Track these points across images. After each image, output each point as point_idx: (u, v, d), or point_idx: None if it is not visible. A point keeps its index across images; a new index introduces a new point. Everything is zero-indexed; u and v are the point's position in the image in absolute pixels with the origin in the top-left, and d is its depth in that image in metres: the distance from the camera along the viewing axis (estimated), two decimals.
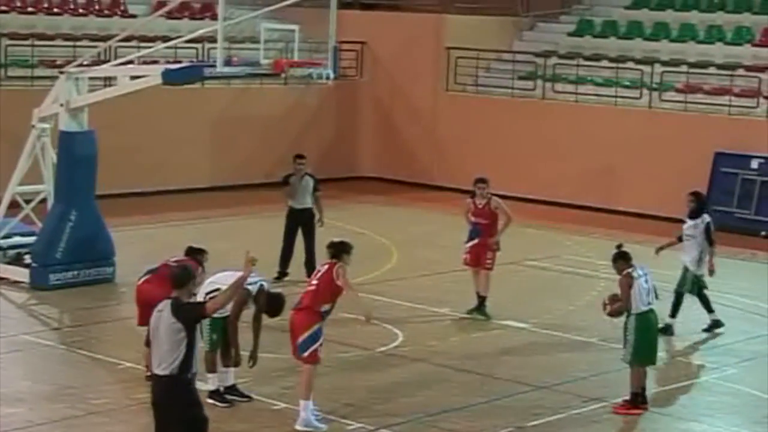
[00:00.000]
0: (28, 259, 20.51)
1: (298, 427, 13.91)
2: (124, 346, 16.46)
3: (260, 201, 28.75)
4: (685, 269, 18.94)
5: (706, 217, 19.11)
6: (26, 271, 20.32)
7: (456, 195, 31.02)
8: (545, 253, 24.55)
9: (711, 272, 18.84)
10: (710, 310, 19.07)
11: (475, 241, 19.47)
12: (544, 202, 30.19)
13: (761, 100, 29.55)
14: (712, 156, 28.74)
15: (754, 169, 28.32)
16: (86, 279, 20.32)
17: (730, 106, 29.78)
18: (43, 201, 21.20)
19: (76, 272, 20.23)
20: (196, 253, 15.65)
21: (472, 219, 19.59)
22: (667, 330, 18.38)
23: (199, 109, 30.07)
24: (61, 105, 20.49)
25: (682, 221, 19.31)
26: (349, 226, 24.53)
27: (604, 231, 27.24)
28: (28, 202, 21.19)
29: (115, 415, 14.44)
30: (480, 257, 19.43)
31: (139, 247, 22.49)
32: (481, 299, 19.44)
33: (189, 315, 10.91)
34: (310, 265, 20.81)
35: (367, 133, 33.83)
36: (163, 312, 10.97)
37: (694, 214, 19.20)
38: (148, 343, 11.97)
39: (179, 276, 11.27)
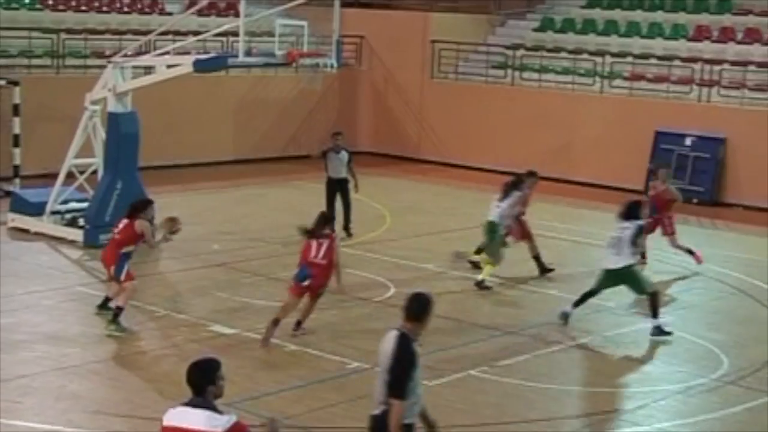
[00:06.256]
0: (81, 221, 20.55)
1: None
2: (162, 297, 16.55)
3: (276, 173, 28.89)
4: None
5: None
6: (80, 232, 20.36)
7: (439, 167, 31.32)
8: None
9: None
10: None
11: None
12: (513, 174, 30.10)
13: (694, 86, 29.56)
14: (653, 134, 28.76)
15: (687, 146, 28.33)
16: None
17: (668, 92, 29.80)
18: (94, 172, 21.23)
19: None
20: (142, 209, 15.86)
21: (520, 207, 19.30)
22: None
23: (224, 93, 30.05)
24: (109, 90, 20.48)
25: (629, 190, 19.33)
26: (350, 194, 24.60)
27: (563, 198, 27.34)
28: (81, 173, 21.24)
29: (154, 354, 14.53)
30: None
31: (174, 211, 22.42)
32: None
33: None
34: (347, 227, 21.29)
35: (365, 114, 33.80)
36: None
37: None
38: None
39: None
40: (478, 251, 19.28)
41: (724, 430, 12.99)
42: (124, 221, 15.69)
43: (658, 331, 16.14)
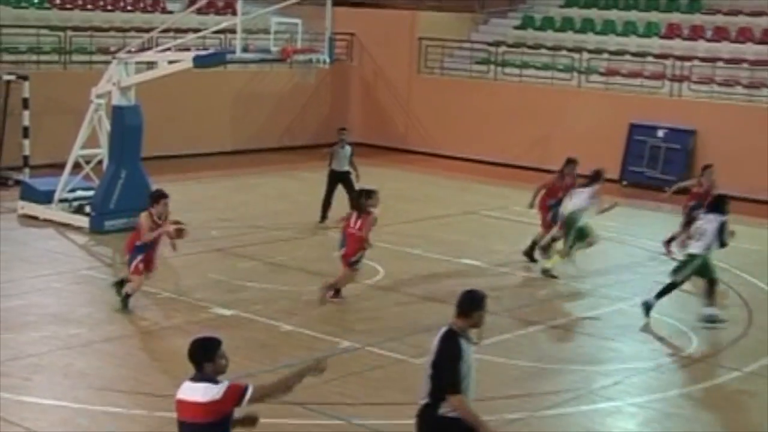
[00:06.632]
0: (88, 209, 20.50)
1: None
2: (163, 280, 16.50)
3: (271, 162, 28.87)
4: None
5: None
6: (86, 218, 20.33)
7: (426, 158, 31.27)
8: (495, 205, 24.61)
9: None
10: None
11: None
12: (495, 163, 30.24)
13: (666, 81, 29.58)
14: (627, 126, 28.78)
15: (660, 137, 28.34)
16: (134, 225, 20.16)
17: (641, 86, 29.83)
18: (100, 162, 21.18)
19: (126, 219, 20.09)
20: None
21: (561, 194, 18.88)
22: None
23: (222, 87, 29.97)
24: (114, 84, 20.40)
25: (605, 179, 19.12)
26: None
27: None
28: (87, 163, 21.16)
29: (156, 334, 14.56)
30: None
31: (175, 199, 22.32)
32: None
33: None
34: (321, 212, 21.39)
35: (356, 107, 33.73)
36: None
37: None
38: None
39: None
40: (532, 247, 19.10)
41: (693, 405, 13.04)
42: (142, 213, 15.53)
43: (710, 318, 15.89)
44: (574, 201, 18.34)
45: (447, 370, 8.30)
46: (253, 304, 15.68)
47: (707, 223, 15.81)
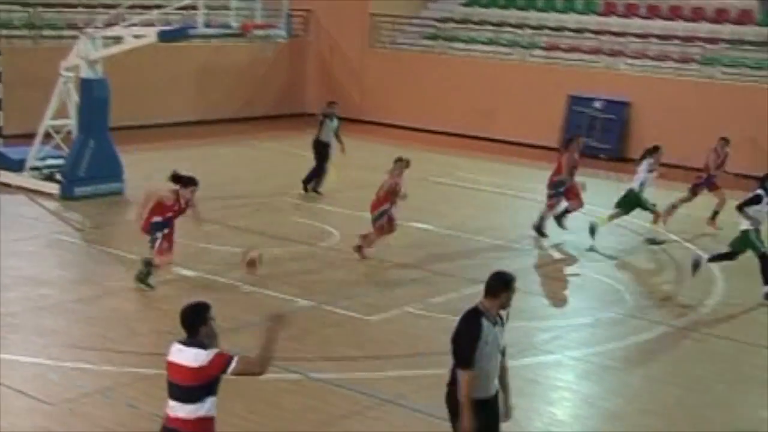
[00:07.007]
0: (58, 176, 20.38)
1: None
2: (130, 243, 16.41)
3: (232, 132, 28.75)
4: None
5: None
6: (57, 185, 20.22)
7: (379, 127, 31.22)
8: (443, 172, 24.65)
9: None
10: None
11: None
12: (443, 133, 30.28)
13: (602, 56, 29.70)
14: (566, 98, 28.90)
15: (597, 108, 28.48)
16: (102, 192, 20.21)
17: (580, 60, 29.93)
18: (69, 132, 21.02)
19: (94, 186, 20.13)
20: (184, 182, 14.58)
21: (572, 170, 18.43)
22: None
23: (186, 61, 29.72)
24: (82, 58, 20.24)
25: (546, 147, 19.24)
26: (299, 151, 24.47)
27: (486, 155, 27.48)
28: (58, 133, 21.02)
29: (124, 294, 14.48)
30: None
31: (142, 167, 22.35)
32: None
33: None
34: (314, 182, 21.21)
35: (312, 80, 33.58)
36: None
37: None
38: None
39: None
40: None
41: (627, 356, 13.21)
42: None
43: None
44: (637, 176, 18.42)
45: (461, 347, 8.09)
46: (215, 266, 15.67)
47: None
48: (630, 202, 18.44)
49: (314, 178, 21.46)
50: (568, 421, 11.32)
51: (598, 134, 28.12)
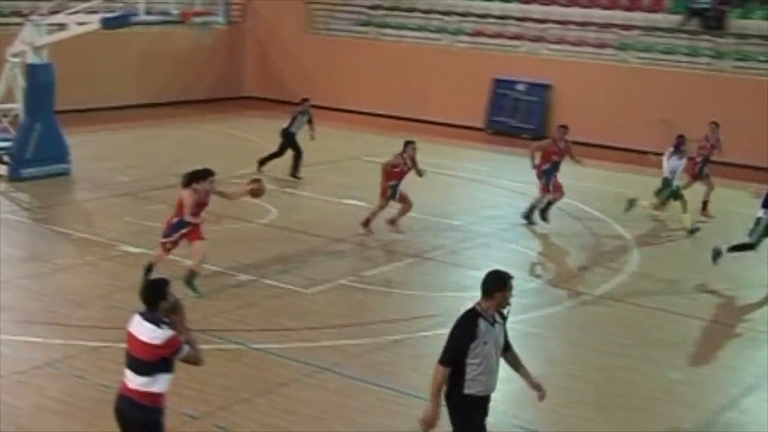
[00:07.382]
0: (6, 158, 20.00)
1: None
2: (77, 222, 16.27)
3: (174, 115, 28.48)
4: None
5: None
6: (5, 167, 19.86)
7: (314, 110, 30.83)
8: (376, 152, 24.56)
9: None
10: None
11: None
12: (376, 114, 30.24)
13: (525, 41, 29.85)
14: (491, 81, 29.01)
15: (520, 90, 28.62)
16: (49, 173, 19.90)
17: (504, 46, 30.04)
18: (16, 116, 20.68)
19: (41, 168, 19.83)
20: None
21: (554, 158, 18.04)
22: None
23: (128, 47, 29.29)
24: (27, 44, 19.89)
25: (472, 127, 19.28)
26: (238, 133, 24.38)
27: (418, 135, 27.33)
28: (5, 116, 20.69)
29: (72, 271, 14.31)
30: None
31: (88, 148, 22.11)
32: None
33: None
34: (291, 168, 21.08)
35: (250, 64, 33.34)
36: None
37: None
38: None
39: None
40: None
41: (549, 325, 13.34)
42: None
43: None
44: (669, 164, 18.29)
45: (448, 345, 7.78)
46: (159, 243, 15.48)
47: None
48: (671, 191, 18.37)
49: (270, 160, 21.21)
50: None
51: (521, 115, 28.30)
